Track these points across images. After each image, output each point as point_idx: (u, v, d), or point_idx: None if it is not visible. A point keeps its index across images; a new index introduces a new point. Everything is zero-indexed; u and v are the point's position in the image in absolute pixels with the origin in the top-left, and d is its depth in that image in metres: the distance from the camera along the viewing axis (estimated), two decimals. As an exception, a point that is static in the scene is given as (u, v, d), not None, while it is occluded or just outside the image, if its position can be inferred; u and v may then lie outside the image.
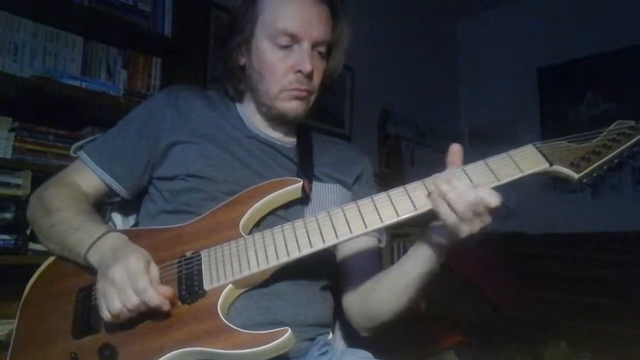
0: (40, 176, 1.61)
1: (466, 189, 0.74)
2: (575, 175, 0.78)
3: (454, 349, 1.97)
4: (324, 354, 0.91)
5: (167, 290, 0.78)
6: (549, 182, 3.67)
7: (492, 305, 2.80)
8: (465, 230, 0.76)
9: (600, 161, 0.79)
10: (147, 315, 0.79)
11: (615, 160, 0.79)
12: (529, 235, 3.44)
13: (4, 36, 1.70)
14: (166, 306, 0.77)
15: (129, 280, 0.76)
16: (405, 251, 3.26)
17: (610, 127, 0.82)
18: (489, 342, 2.21)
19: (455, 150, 0.81)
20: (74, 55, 1.86)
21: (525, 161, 0.80)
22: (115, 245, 0.83)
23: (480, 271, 3.01)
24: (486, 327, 2.38)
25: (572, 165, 0.79)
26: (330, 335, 0.97)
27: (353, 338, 1.03)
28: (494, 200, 0.74)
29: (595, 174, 0.79)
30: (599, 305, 2.74)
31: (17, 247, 1.59)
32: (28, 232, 1.58)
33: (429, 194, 0.78)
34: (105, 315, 0.77)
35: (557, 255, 3.18)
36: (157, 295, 0.76)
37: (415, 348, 1.79)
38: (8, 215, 1.61)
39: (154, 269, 0.80)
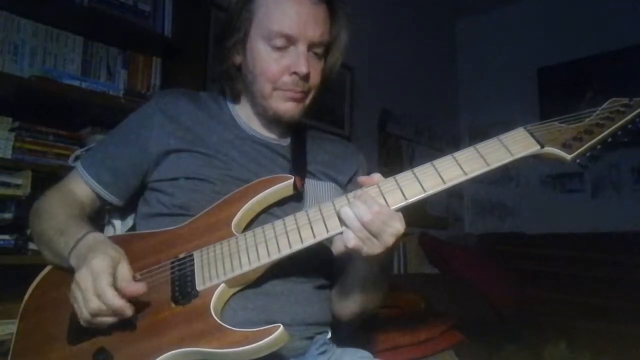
0: (40, 176, 1.62)
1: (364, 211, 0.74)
2: (568, 157, 0.76)
3: (454, 349, 1.97)
4: (322, 353, 0.91)
5: (135, 288, 0.76)
6: (549, 181, 3.68)
7: (492, 305, 2.80)
8: (371, 249, 0.76)
9: (593, 140, 0.76)
10: (141, 318, 0.79)
11: (609, 139, 0.77)
12: (529, 235, 3.44)
13: (4, 36, 1.70)
14: (128, 310, 0.75)
15: (92, 282, 0.74)
16: (404, 249, 3.24)
17: (603, 106, 0.79)
18: (489, 342, 2.21)
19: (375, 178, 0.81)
20: (74, 55, 1.86)
21: (515, 144, 0.78)
22: (90, 246, 0.81)
23: (480, 271, 3.01)
24: (486, 327, 2.38)
25: (565, 146, 0.76)
26: (329, 335, 0.97)
27: (353, 338, 1.03)
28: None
29: (588, 154, 0.77)
30: (599, 305, 2.74)
31: (17, 247, 1.59)
32: (28, 232, 1.58)
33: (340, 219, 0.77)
34: (81, 321, 0.77)
35: (557, 255, 3.18)
36: (116, 297, 0.73)
37: (415, 347, 1.79)
38: (8, 215, 1.61)
39: (123, 269, 0.78)
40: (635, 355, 2.01)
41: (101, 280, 0.74)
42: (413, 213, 0.80)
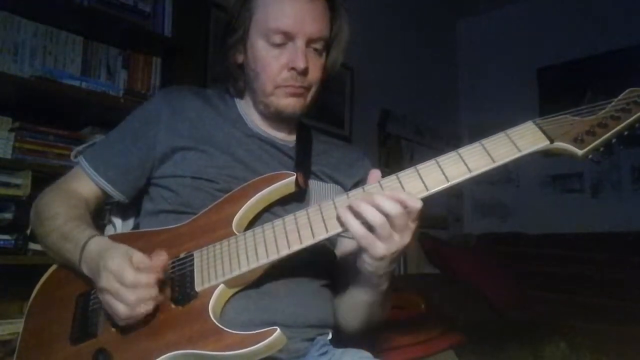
0: (40, 176, 1.62)
1: (382, 201, 0.70)
2: (579, 152, 0.71)
3: (454, 349, 1.96)
4: (323, 354, 0.91)
5: (159, 259, 0.77)
6: (549, 181, 3.68)
7: (492, 305, 2.80)
8: (385, 247, 0.72)
9: (608, 134, 0.70)
10: (141, 318, 0.79)
11: (625, 133, 0.71)
12: (529, 235, 3.44)
13: (4, 36, 1.70)
14: (162, 276, 0.77)
15: (117, 282, 0.75)
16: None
17: (619, 97, 0.74)
18: (489, 342, 2.21)
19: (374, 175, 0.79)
20: (74, 55, 1.86)
21: (523, 139, 0.74)
22: (98, 254, 0.82)
23: (480, 271, 3.00)
24: (486, 327, 2.38)
25: (576, 141, 0.71)
26: (330, 336, 0.96)
27: (353, 338, 1.03)
28: (414, 202, 0.71)
29: (602, 149, 0.72)
30: (599, 305, 2.73)
31: (17, 247, 1.59)
32: (28, 232, 1.58)
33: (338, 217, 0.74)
34: (120, 322, 0.78)
35: (557, 255, 3.18)
36: (148, 275, 0.75)
37: (415, 347, 1.79)
38: (8, 215, 1.61)
39: (137, 256, 0.78)
40: (635, 355, 2.01)
41: (126, 274, 0.75)
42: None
